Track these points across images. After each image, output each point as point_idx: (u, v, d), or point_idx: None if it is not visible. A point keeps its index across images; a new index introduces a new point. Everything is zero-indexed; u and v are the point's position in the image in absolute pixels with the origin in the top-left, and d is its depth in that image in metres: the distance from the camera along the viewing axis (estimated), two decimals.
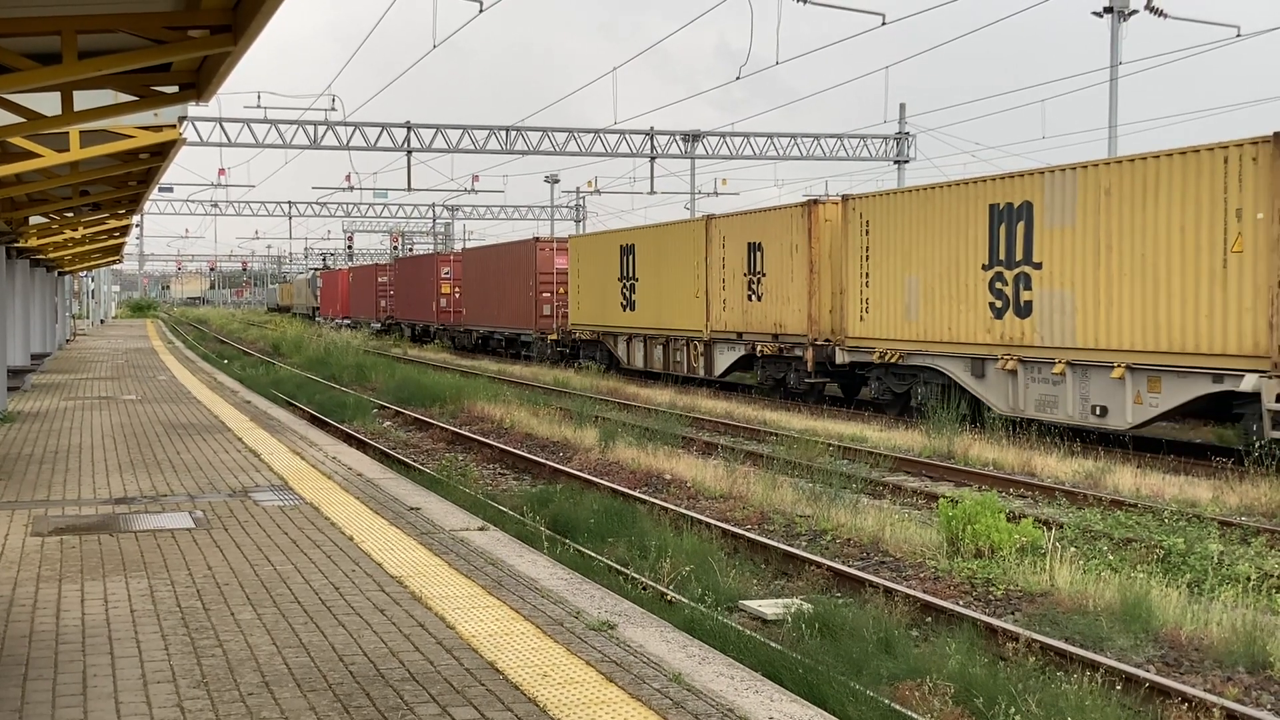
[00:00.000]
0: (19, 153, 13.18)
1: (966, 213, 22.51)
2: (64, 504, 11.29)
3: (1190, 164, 18.02)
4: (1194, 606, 9.81)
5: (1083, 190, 19.90)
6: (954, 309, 22.85)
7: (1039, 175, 20.98)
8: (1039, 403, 20.88)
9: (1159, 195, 18.51)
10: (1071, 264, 20.17)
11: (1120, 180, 19.23)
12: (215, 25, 7.69)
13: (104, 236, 30.23)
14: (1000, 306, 21.72)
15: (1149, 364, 18.68)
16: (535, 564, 8.74)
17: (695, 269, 32.32)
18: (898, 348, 24.29)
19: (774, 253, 28.70)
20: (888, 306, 24.67)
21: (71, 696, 5.84)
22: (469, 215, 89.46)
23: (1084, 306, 19.93)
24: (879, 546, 12.33)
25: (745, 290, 29.95)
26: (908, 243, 24.09)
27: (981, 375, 22.22)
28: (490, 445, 20.62)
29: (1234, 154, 17.30)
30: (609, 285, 37.67)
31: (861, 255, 25.38)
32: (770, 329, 28.85)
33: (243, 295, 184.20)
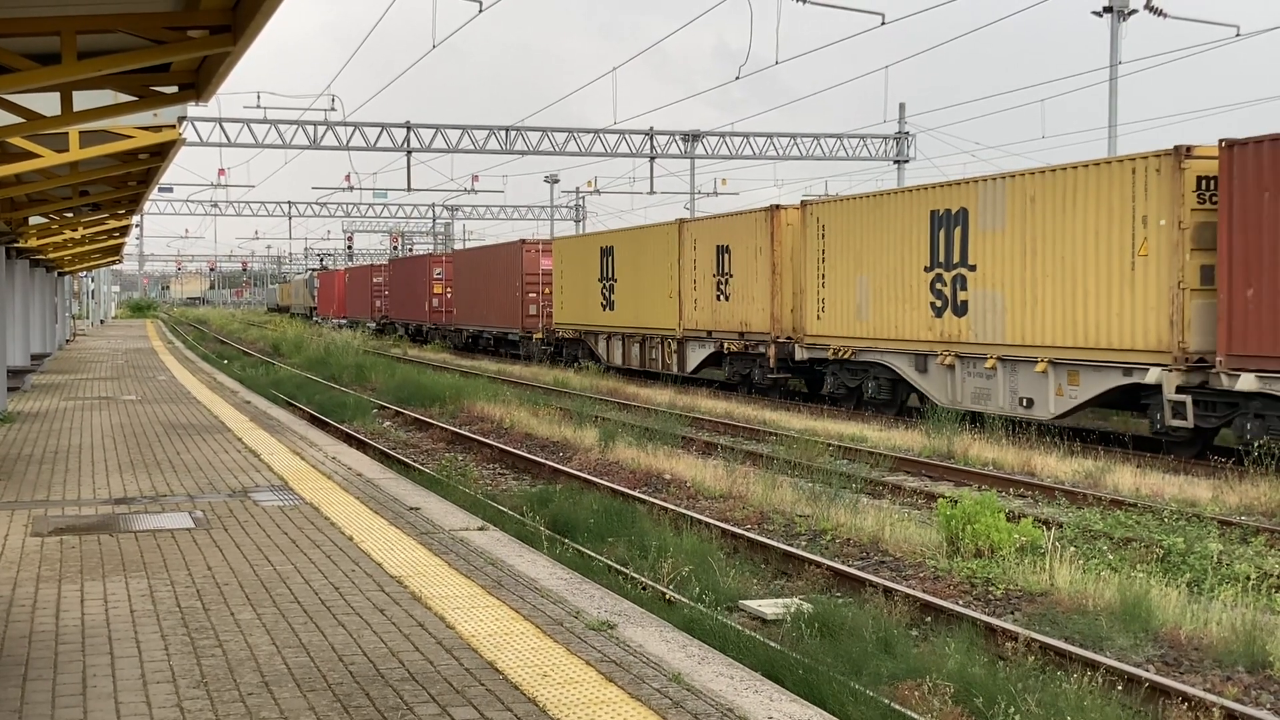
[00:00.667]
0: (18, 153, 13.18)
1: (911, 218, 23.88)
2: (64, 504, 11.29)
3: (1104, 174, 19.44)
4: (1194, 606, 9.81)
5: (1011, 198, 21.33)
6: (899, 308, 24.22)
7: (974, 184, 22.38)
8: (974, 395, 22.32)
9: (1077, 203, 19.91)
10: (1002, 266, 21.56)
11: (1044, 189, 20.62)
12: (214, 25, 7.70)
13: (104, 237, 30.24)
14: (940, 306, 23.11)
15: (1068, 359, 20.08)
16: (535, 564, 8.74)
17: (669, 270, 33.60)
18: (850, 345, 25.72)
19: (740, 255, 30.08)
20: (841, 306, 26.04)
21: (71, 697, 5.84)
22: (469, 215, 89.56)
23: (1012, 306, 21.32)
24: (879, 546, 12.33)
25: (714, 291, 31.28)
26: (859, 246, 25.46)
27: (924, 370, 23.60)
28: (490, 445, 20.62)
29: (1140, 166, 18.71)
30: (590, 286, 38.98)
31: (818, 258, 26.79)
32: (737, 327, 30.19)
33: (242, 295, 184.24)
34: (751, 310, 29.59)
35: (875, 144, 51.79)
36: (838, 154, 51.59)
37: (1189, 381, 18.06)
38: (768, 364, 28.88)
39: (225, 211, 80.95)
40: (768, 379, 29.13)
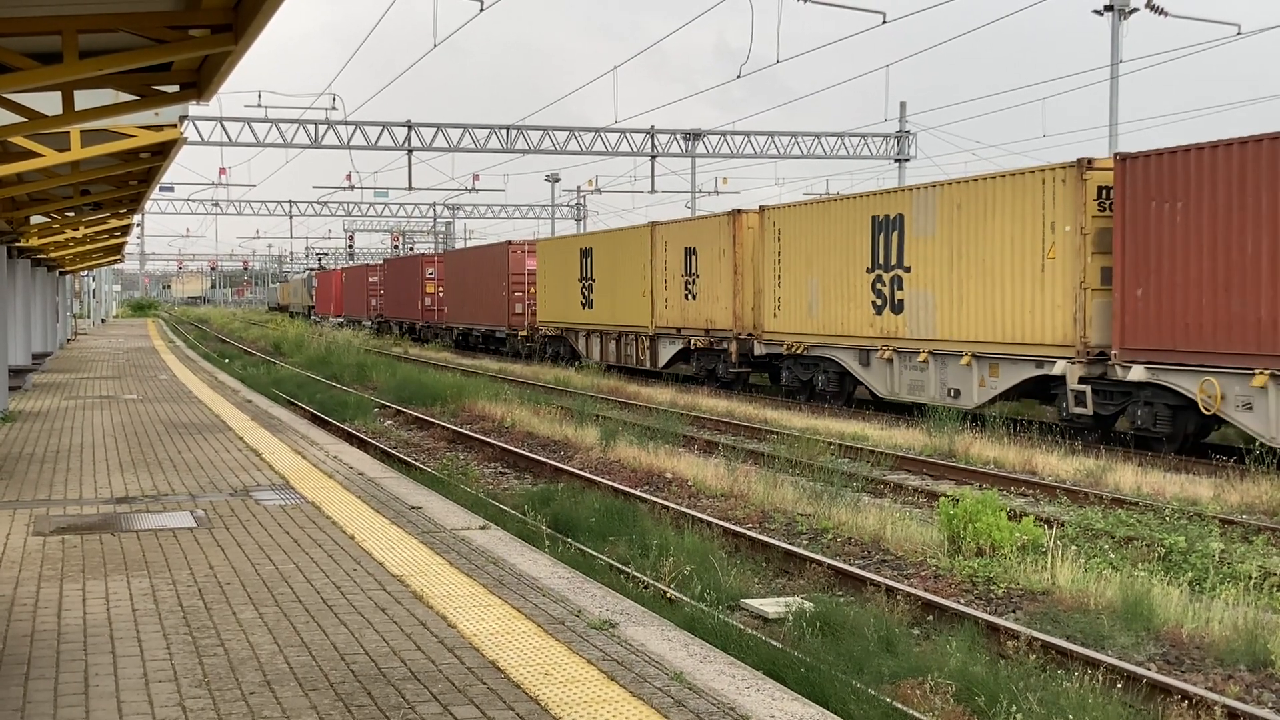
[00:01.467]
0: (20, 152, 13.18)
1: (854, 223, 25.76)
2: (65, 503, 11.29)
3: (1019, 184, 21.26)
4: (1195, 605, 9.81)
5: (940, 205, 23.17)
6: (845, 307, 26.14)
7: (909, 191, 24.55)
8: (910, 387, 24.15)
9: (996, 210, 21.75)
10: (933, 268, 23.38)
11: (968, 197, 22.50)
12: (216, 25, 7.69)
13: (105, 236, 30.24)
14: (880, 304, 25.01)
15: (989, 353, 21.96)
16: (536, 563, 8.74)
17: (643, 271, 35.33)
18: (802, 340, 27.62)
19: (706, 257, 31.90)
20: (795, 305, 27.90)
21: (73, 696, 5.85)
22: (470, 214, 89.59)
23: (942, 304, 23.16)
24: (880, 545, 12.33)
25: (683, 290, 33.08)
26: (810, 249, 27.28)
27: (867, 364, 25.46)
28: (491, 444, 20.62)
29: (1049, 176, 20.53)
30: (571, 285, 40.79)
31: (775, 260, 28.68)
32: (703, 325, 32.03)
33: (243, 295, 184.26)
34: (716, 309, 31.30)
35: (876, 143, 51.78)
36: (839, 153, 51.58)
37: (1090, 373, 19.79)
38: (730, 359, 30.78)
39: (226, 211, 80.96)
40: (730, 373, 31.00)
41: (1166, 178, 18.42)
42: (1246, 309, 17.30)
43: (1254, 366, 17.09)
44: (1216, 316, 17.74)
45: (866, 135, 51.49)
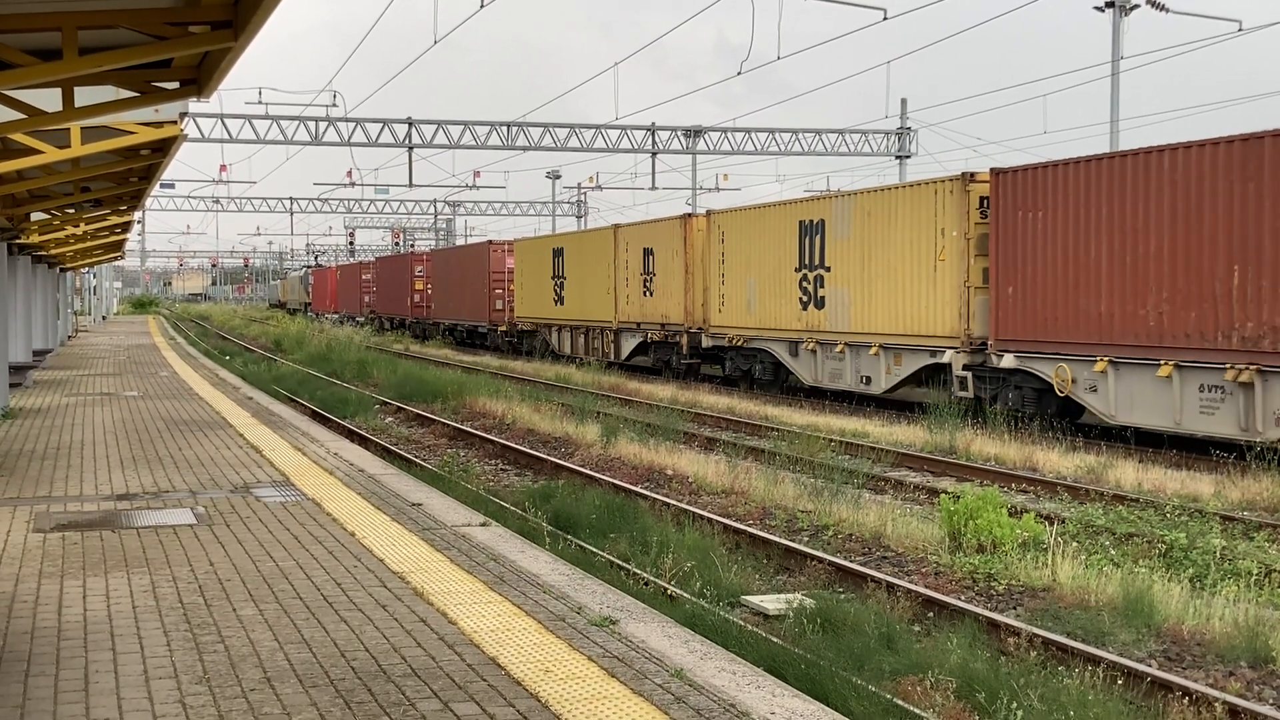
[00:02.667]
0: (20, 149, 13.17)
1: (785, 227, 28.24)
2: (66, 500, 11.29)
3: (916, 194, 23.99)
4: (1196, 601, 9.81)
5: (855, 212, 25.76)
6: (777, 303, 28.55)
7: (830, 199, 27.38)
8: (830, 375, 26.76)
9: (898, 218, 24.28)
10: (848, 268, 25.94)
11: (876, 205, 25.12)
12: (216, 21, 7.68)
13: (105, 233, 30.23)
14: (806, 301, 27.52)
15: (894, 344, 24.57)
16: (537, 560, 8.74)
17: (607, 270, 37.71)
18: (742, 334, 30.21)
19: (662, 256, 34.42)
20: (736, 301, 30.42)
21: (73, 693, 5.84)
22: (470, 211, 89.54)
23: (856, 301, 25.72)
24: (881, 542, 12.33)
25: (642, 287, 35.66)
26: (749, 250, 29.77)
27: (795, 355, 28.08)
28: (492, 441, 20.62)
29: (940, 188, 23.21)
30: (544, 283, 43.26)
31: (720, 260, 31.21)
32: (659, 319, 34.64)
33: (244, 292, 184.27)
34: (670, 305, 33.93)
35: (877, 139, 51.77)
36: (840, 149, 51.58)
37: (972, 361, 22.51)
38: (682, 351, 33.58)
39: (227, 207, 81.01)
40: (682, 364, 33.77)
41: (1031, 190, 21.07)
42: (1090, 304, 19.90)
43: (1096, 354, 19.73)
44: (1068, 311, 20.34)
45: (867, 132, 51.50)
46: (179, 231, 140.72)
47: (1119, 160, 19.65)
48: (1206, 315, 17.95)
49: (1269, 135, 17.10)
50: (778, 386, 29.35)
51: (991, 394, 22.09)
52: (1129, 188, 19.19)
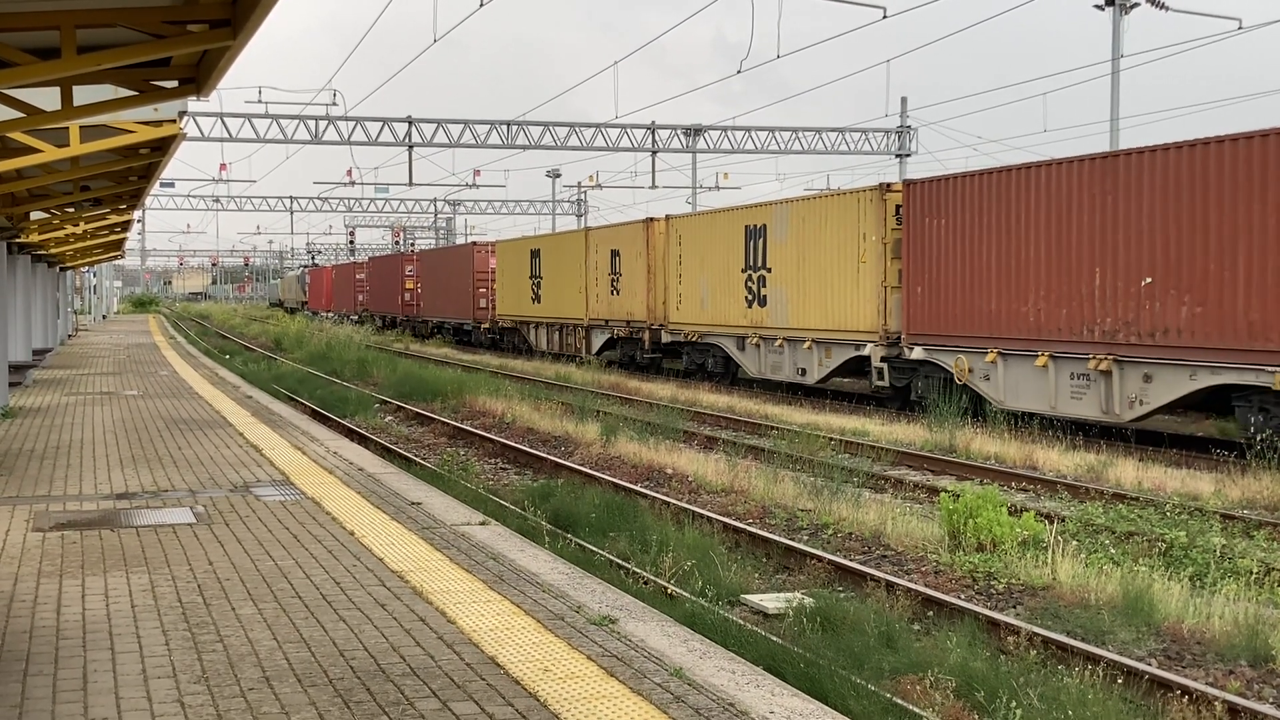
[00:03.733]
0: (19, 147, 13.16)
1: (733, 231, 30.56)
2: (65, 499, 11.28)
3: (842, 202, 26.50)
4: (1196, 600, 9.80)
5: (792, 217, 27.96)
6: (726, 301, 30.77)
7: (770, 206, 29.35)
8: (772, 367, 28.91)
9: (828, 223, 26.61)
10: (786, 269, 28.13)
11: (809, 212, 27.44)
12: (214, 20, 7.68)
13: (105, 232, 30.22)
14: (750, 299, 29.68)
15: (824, 338, 26.87)
16: (536, 559, 8.73)
17: (579, 270, 39.96)
18: (697, 330, 32.48)
19: (627, 258, 36.66)
20: (692, 299, 32.64)
21: (72, 692, 5.84)
22: (471, 210, 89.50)
23: (792, 299, 27.92)
24: (880, 541, 12.32)
25: (610, 287, 37.86)
26: (702, 253, 32.03)
27: (742, 349, 30.26)
28: (492, 440, 20.61)
29: (863, 197, 25.66)
30: (523, 283, 45.50)
31: (677, 261, 33.46)
32: (625, 316, 36.85)
33: (245, 291, 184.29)
34: (635, 303, 36.14)
35: (877, 138, 51.76)
36: (840, 148, 51.56)
37: (889, 354, 24.72)
38: (645, 346, 35.75)
39: (227, 206, 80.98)
40: (645, 358, 36.04)
41: (935, 200, 23.34)
42: (982, 302, 22.30)
43: (987, 347, 22.15)
44: (965, 308, 22.69)
45: (867, 130, 51.52)
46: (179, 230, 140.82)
47: (1004, 174, 21.95)
48: (1074, 312, 20.26)
49: (1122, 154, 19.84)
50: (728, 378, 31.64)
51: (905, 383, 24.73)
52: (1012, 199, 21.62)
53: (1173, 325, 18.52)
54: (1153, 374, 18.93)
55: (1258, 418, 17.36)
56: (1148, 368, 19.00)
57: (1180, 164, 18.45)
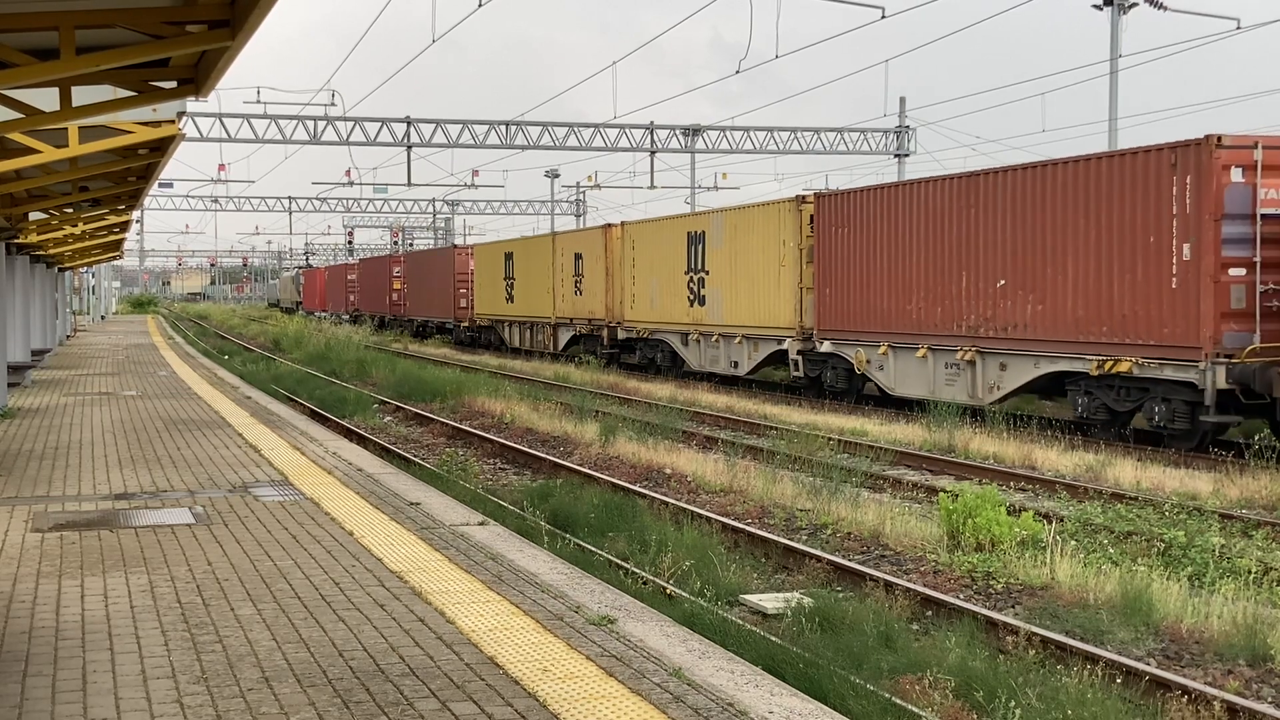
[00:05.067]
0: (18, 148, 13.16)
1: (677, 237, 33.51)
2: (64, 500, 11.28)
3: (766, 212, 29.53)
4: (1195, 600, 9.80)
5: (726, 225, 31.12)
6: (672, 301, 33.80)
7: (709, 214, 33.09)
8: (710, 360, 32.01)
9: (754, 230, 29.70)
10: (721, 271, 31.10)
11: (740, 220, 30.58)
12: (213, 20, 7.67)
13: (104, 232, 30.21)
14: (692, 299, 32.71)
15: (752, 334, 29.79)
16: (535, 559, 8.74)
17: (547, 271, 42.95)
18: (648, 327, 35.50)
19: (589, 261, 39.61)
20: (643, 299, 35.61)
21: (71, 693, 5.84)
22: (470, 210, 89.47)
23: (726, 299, 30.83)
24: (879, 540, 12.32)
25: (574, 288, 40.78)
26: (652, 256, 34.95)
27: (685, 344, 33.38)
28: (490, 440, 20.61)
29: (783, 207, 28.67)
30: (498, 283, 48.51)
31: (631, 264, 36.35)
32: (587, 315, 39.78)
33: (243, 291, 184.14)
34: (595, 302, 39.00)
35: (876, 138, 51.75)
36: (838, 148, 51.55)
37: (804, 348, 27.84)
38: (603, 342, 38.45)
39: (226, 207, 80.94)
40: (604, 353, 38.27)
41: (840, 211, 26.50)
42: (876, 302, 25.32)
43: (880, 341, 25.12)
44: (863, 307, 25.79)
45: (866, 130, 51.49)
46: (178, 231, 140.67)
47: (893, 189, 25.46)
48: (947, 310, 23.32)
49: (981, 174, 22.65)
50: (675, 372, 34.20)
51: (817, 374, 27.84)
52: (899, 212, 24.69)
53: (1021, 321, 21.48)
54: (1007, 363, 21.91)
55: (1083, 399, 20.24)
56: (1003, 357, 21.98)
57: (1024, 183, 21.36)
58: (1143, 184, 18.97)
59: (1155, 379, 18.86)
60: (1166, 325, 18.60)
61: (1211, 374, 17.83)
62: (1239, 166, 18.09)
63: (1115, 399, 19.71)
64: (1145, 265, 18.98)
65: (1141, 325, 19.03)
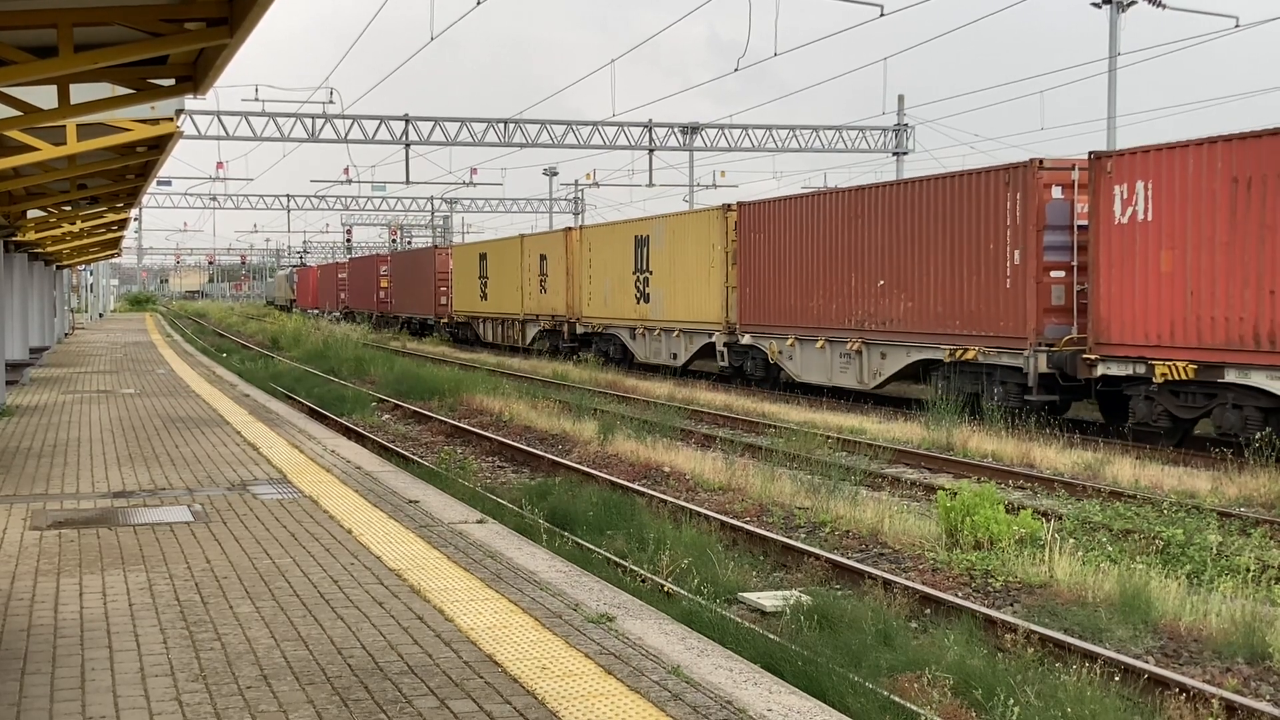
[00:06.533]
0: (16, 146, 13.15)
1: (627, 240, 36.66)
2: (63, 498, 11.28)
3: (698, 219, 33.21)
4: (1193, 598, 9.81)
5: (666, 230, 34.31)
6: (622, 299, 36.85)
7: (652, 220, 35.98)
8: (653, 353, 35.11)
9: (689, 235, 32.99)
10: (662, 272, 34.19)
11: (677, 225, 33.91)
12: (211, 18, 7.66)
13: (102, 230, 30.18)
14: (638, 297, 35.74)
15: (688, 328, 32.98)
16: (534, 557, 8.74)
17: (517, 271, 45.90)
18: (602, 322, 38.54)
19: (552, 261, 42.63)
20: (598, 297, 38.70)
21: (70, 690, 5.84)
22: (468, 208, 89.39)
23: (666, 297, 33.98)
24: (878, 538, 12.33)
25: (540, 286, 43.83)
26: (606, 257, 38.01)
27: (634, 338, 36.44)
28: (489, 438, 20.61)
29: (713, 214, 32.14)
30: (473, 282, 51.64)
31: (588, 265, 39.48)
32: (551, 311, 42.88)
33: (242, 289, 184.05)
34: (558, 300, 42.07)
35: (874, 136, 51.73)
36: (836, 146, 51.52)
37: (729, 341, 30.95)
38: (564, 337, 41.45)
39: (224, 205, 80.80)
40: (565, 346, 41.37)
41: (757, 219, 29.75)
42: (785, 300, 28.44)
43: (788, 334, 28.18)
44: (775, 304, 28.82)
45: (864, 128, 51.45)
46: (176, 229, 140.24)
47: (798, 200, 28.71)
48: (840, 307, 26.56)
49: (866, 189, 26.12)
50: (628, 363, 36.85)
51: (740, 364, 30.76)
52: (803, 221, 27.93)
53: (896, 316, 24.66)
54: (886, 352, 25.06)
55: (941, 383, 23.27)
56: (883, 348, 25.14)
57: (897, 198, 24.70)
58: (984, 200, 22.12)
59: (995, 365, 21.99)
60: (1002, 319, 21.73)
61: (1034, 360, 20.86)
62: (1059, 185, 21.07)
63: (966, 382, 22.70)
64: (986, 269, 22.14)
65: (984, 320, 22.20)
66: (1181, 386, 18.66)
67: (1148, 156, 19.00)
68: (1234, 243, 17.71)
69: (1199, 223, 18.22)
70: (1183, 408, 18.80)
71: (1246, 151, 17.53)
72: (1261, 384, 17.32)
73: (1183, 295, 18.48)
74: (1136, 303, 19.23)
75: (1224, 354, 17.85)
